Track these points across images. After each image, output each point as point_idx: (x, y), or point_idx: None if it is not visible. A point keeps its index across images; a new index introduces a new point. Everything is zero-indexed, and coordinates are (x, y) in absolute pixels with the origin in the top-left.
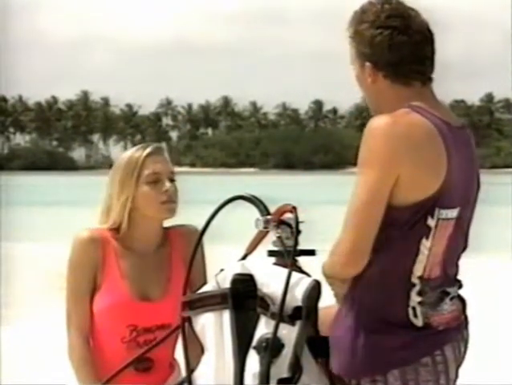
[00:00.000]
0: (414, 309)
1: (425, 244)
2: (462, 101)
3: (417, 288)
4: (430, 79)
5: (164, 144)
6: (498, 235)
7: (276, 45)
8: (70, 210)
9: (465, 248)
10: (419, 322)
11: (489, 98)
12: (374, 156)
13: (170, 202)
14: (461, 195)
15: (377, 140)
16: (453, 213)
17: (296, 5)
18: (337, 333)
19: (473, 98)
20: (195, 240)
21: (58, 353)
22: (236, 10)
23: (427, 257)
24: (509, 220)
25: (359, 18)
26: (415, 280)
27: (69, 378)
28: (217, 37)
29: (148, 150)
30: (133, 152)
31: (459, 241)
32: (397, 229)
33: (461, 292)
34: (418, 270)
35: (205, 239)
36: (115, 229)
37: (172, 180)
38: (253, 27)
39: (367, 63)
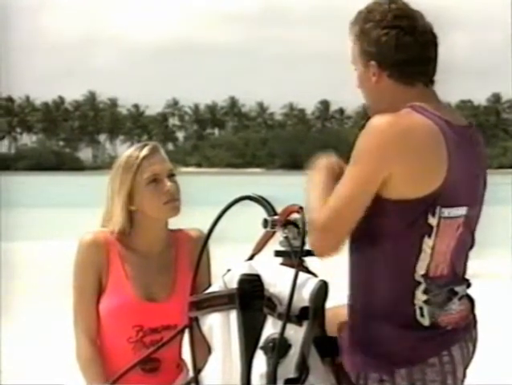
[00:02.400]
0: (421, 309)
1: (428, 242)
2: (469, 101)
3: (422, 286)
4: (432, 81)
5: (157, 143)
6: (506, 235)
7: (283, 45)
8: (77, 210)
9: (471, 246)
10: (425, 322)
11: (496, 98)
12: (365, 150)
13: (173, 201)
14: (467, 194)
15: (371, 137)
16: (458, 212)
17: (303, 4)
18: (346, 330)
19: (480, 98)
20: (202, 244)
21: (60, 356)
22: (243, 10)
23: (430, 255)
24: None
25: (365, 16)
26: (419, 278)
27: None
28: (224, 37)
29: (144, 152)
30: (130, 155)
31: (467, 240)
32: (397, 225)
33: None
34: (421, 268)
35: (212, 239)
36: (120, 232)
37: (172, 176)
38: (260, 27)
39: (372, 62)
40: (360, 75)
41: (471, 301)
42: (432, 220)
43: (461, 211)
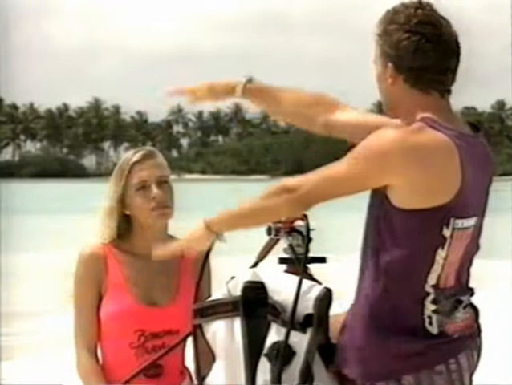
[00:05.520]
0: (430, 317)
1: (441, 254)
2: (473, 108)
3: (431, 297)
4: (449, 91)
5: (153, 148)
6: (510, 242)
7: (285, 51)
8: (80, 217)
9: (476, 251)
10: (434, 330)
11: (500, 105)
12: (368, 152)
13: (160, 208)
14: (477, 204)
15: (378, 144)
16: (469, 223)
17: (303, 11)
18: (350, 336)
19: (484, 105)
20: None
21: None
22: (244, 16)
23: (442, 266)
24: None
25: (390, 18)
26: (429, 289)
27: None
28: (227, 44)
29: (135, 158)
30: (122, 161)
31: (473, 249)
32: (410, 236)
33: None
34: (432, 279)
35: (216, 245)
36: (115, 238)
37: (163, 183)
38: (262, 34)
39: (390, 64)
40: (379, 75)
41: (475, 309)
42: (447, 232)
43: (472, 222)
